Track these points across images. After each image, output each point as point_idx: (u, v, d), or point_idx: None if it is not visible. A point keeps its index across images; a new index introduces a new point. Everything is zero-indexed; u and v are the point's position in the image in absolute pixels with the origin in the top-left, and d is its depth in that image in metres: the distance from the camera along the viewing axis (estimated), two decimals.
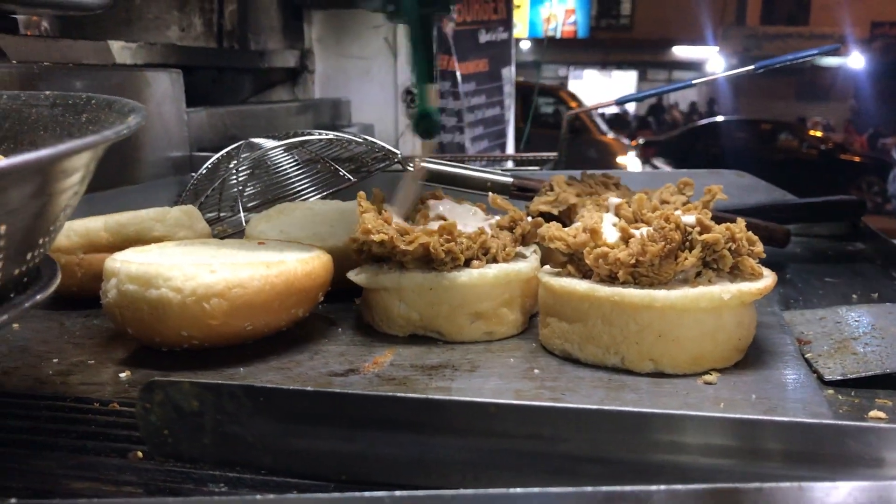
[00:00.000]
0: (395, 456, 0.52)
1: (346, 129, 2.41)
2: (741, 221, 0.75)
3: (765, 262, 1.08)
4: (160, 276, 0.72)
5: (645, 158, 12.71)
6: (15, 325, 0.84)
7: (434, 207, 0.87)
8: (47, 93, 0.68)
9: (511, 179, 1.23)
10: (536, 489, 0.41)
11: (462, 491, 0.42)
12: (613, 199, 0.79)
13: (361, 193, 0.85)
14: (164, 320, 0.72)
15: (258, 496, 0.43)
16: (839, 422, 0.48)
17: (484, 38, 3.26)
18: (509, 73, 3.43)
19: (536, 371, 0.71)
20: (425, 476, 0.51)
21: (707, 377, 0.69)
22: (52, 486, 0.53)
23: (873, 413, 0.65)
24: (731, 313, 0.70)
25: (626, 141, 12.39)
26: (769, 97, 18.52)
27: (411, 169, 1.21)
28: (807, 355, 0.77)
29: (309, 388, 0.54)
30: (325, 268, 0.80)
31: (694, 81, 1.54)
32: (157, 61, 1.86)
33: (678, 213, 0.76)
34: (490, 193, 0.90)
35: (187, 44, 2.21)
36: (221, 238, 1.08)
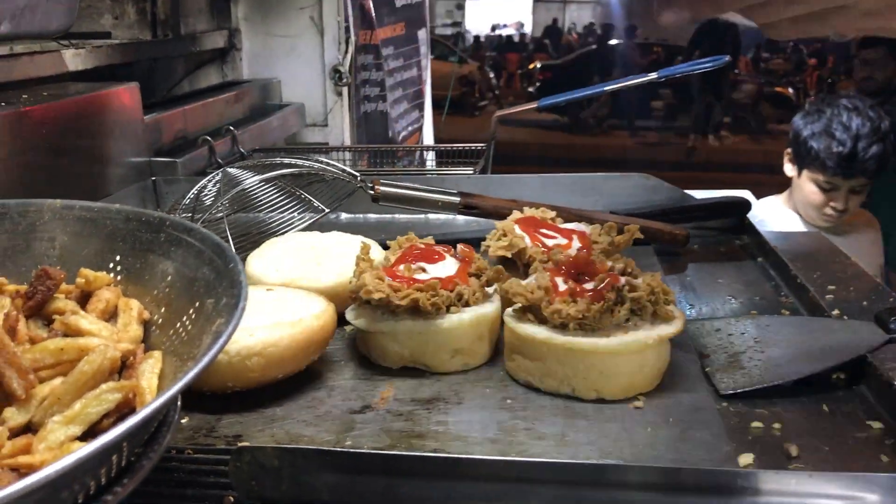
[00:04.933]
0: (429, 495, 0.73)
1: (278, 108, 2.54)
2: (657, 275, 0.98)
3: (669, 261, 1.33)
4: None
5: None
6: None
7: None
8: (118, 206, 0.84)
9: (458, 199, 1.44)
10: None
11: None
12: (560, 258, 1.01)
13: (359, 255, 1.04)
14: (213, 375, 0.91)
15: None
16: (725, 469, 0.71)
17: (400, 2, 3.38)
18: (425, 34, 3.57)
19: (509, 401, 0.93)
20: None
21: (636, 402, 0.92)
22: None
23: (754, 424, 0.90)
24: (652, 351, 0.94)
25: None
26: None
27: (371, 192, 1.39)
28: (707, 369, 1.01)
29: (361, 450, 0.74)
30: (333, 319, 1.00)
31: (606, 88, 1.76)
32: (105, 63, 1.96)
33: (610, 264, 0.99)
34: (459, 245, 1.10)
35: (121, 32, 2.28)
36: None
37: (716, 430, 0.86)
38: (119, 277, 0.81)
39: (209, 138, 1.91)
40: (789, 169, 2.68)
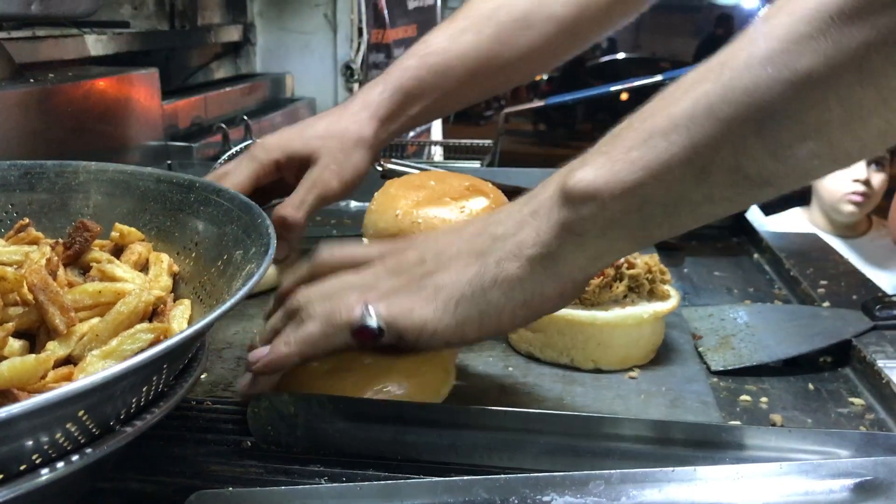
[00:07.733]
0: (435, 442, 0.78)
1: (289, 102, 2.59)
2: (655, 256, 1.03)
3: (667, 254, 1.37)
4: None
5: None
6: None
7: None
8: (150, 169, 0.89)
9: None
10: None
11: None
12: None
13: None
14: None
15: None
16: (712, 423, 0.76)
17: (412, 4, 3.44)
18: None
19: (510, 369, 0.99)
20: (456, 455, 0.78)
21: (631, 373, 0.97)
22: (198, 469, 0.77)
23: (742, 398, 0.95)
24: (648, 326, 0.99)
25: None
26: (668, 34, 18.94)
27: (379, 168, 1.45)
28: (699, 349, 1.07)
29: (374, 399, 0.79)
30: None
31: (612, 88, 1.81)
32: (125, 49, 2.02)
33: None
34: None
35: (139, 22, 2.34)
36: None
37: (706, 399, 0.92)
38: (150, 235, 0.86)
39: (224, 126, 1.96)
40: None
